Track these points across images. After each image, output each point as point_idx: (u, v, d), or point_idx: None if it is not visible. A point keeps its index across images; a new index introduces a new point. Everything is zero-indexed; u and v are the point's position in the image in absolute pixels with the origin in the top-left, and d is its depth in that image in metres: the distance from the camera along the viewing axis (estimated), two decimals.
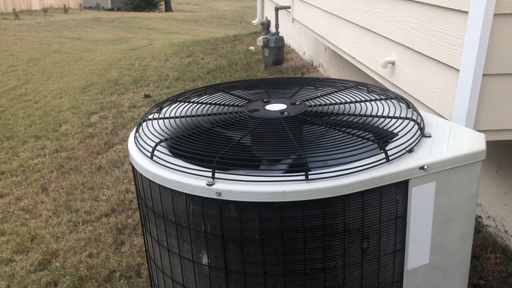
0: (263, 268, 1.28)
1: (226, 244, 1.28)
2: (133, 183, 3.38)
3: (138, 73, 7.00)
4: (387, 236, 1.32)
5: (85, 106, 5.55)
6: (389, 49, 2.66)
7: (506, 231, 2.43)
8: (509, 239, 2.41)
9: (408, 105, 1.63)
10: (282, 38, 6.39)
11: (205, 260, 1.33)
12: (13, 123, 5.17)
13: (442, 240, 1.39)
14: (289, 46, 7.83)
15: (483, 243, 2.44)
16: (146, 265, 2.33)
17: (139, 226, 2.85)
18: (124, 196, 3.25)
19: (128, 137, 4.45)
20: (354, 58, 3.30)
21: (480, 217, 2.62)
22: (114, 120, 4.93)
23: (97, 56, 8.77)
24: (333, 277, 1.30)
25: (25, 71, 7.79)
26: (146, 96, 5.69)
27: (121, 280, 2.37)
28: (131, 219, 2.94)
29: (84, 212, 3.08)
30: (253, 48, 7.89)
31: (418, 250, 1.37)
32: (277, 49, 6.36)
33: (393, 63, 2.61)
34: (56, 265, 2.54)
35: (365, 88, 1.80)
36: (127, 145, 4.24)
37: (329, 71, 5.73)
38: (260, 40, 6.34)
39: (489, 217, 2.56)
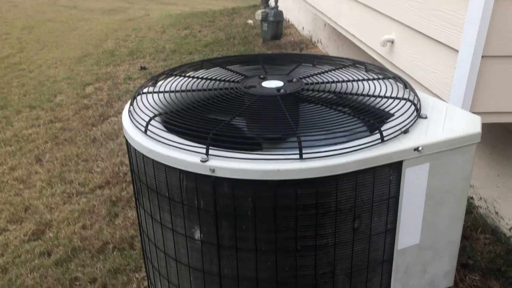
0: (255, 245, 1.29)
1: (219, 220, 1.29)
2: (127, 156, 3.38)
3: (134, 44, 6.92)
4: (379, 216, 1.32)
5: (80, 77, 5.49)
6: (389, 28, 2.63)
7: (496, 213, 2.46)
8: (499, 221, 2.43)
9: (406, 85, 1.61)
10: (281, 13, 6.31)
11: (197, 235, 1.34)
12: (7, 92, 5.12)
13: (433, 221, 1.41)
14: (288, 21, 7.73)
15: (474, 224, 2.46)
16: (139, 238, 2.35)
17: (133, 199, 2.85)
18: (118, 169, 3.25)
19: (123, 109, 4.41)
20: (354, 35, 3.26)
21: (472, 198, 2.64)
22: (109, 92, 4.89)
23: (93, 26, 8.63)
24: (324, 254, 1.31)
25: (19, 39, 7.67)
26: (142, 68, 5.63)
27: (114, 252, 2.39)
28: (125, 192, 2.94)
29: (78, 184, 3.08)
30: (251, 21, 7.79)
31: (409, 230, 1.38)
32: (275, 24, 6.28)
33: (392, 42, 2.58)
34: (50, 236, 2.55)
35: (363, 67, 1.79)
36: (121, 117, 4.22)
37: (328, 47, 5.68)
38: (259, 14, 6.25)
39: (481, 198, 2.59)
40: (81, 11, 10.59)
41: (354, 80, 1.65)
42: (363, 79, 1.65)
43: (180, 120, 1.37)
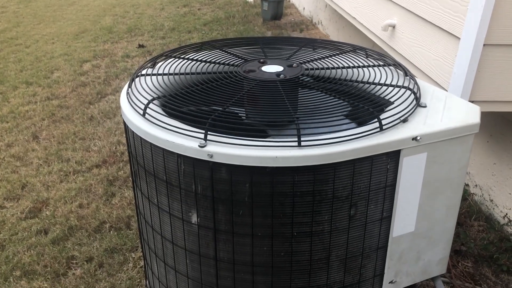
0: (251, 230, 1.30)
1: (216, 205, 1.29)
2: (124, 135, 3.38)
3: (133, 21, 6.83)
4: (375, 204, 1.33)
5: (78, 53, 5.44)
6: (390, 12, 2.60)
7: (491, 200, 2.48)
8: (493, 208, 2.46)
9: (406, 73, 1.60)
10: None
11: (194, 219, 1.34)
12: (3, 67, 5.07)
13: (428, 210, 1.42)
14: (289, 1, 7.64)
15: (468, 210, 2.49)
16: (136, 218, 2.36)
17: (130, 179, 2.86)
18: (115, 148, 3.24)
19: (120, 87, 4.39)
20: (355, 18, 3.22)
21: (467, 185, 2.66)
22: (107, 70, 4.85)
23: (90, 1, 8.51)
24: (320, 241, 1.32)
25: (15, 13, 7.56)
26: (140, 46, 5.58)
27: (111, 231, 2.40)
28: (122, 171, 2.95)
29: (75, 162, 3.08)
30: (251, 0, 7.69)
31: (404, 218, 1.39)
32: (276, 4, 6.21)
33: (394, 27, 2.56)
34: (47, 214, 2.56)
35: (364, 53, 1.77)
36: (119, 96, 4.19)
37: (329, 29, 5.62)
38: None
39: (476, 185, 2.60)
40: None
41: (354, 67, 1.63)
42: (363, 66, 1.64)
43: (179, 104, 1.36)
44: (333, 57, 1.73)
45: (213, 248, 1.36)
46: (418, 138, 1.27)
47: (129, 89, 1.52)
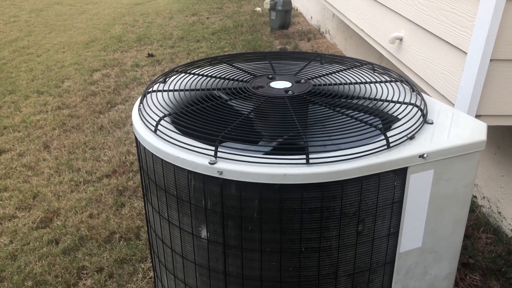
0: (260, 245, 1.32)
1: (225, 220, 1.31)
2: (134, 145, 3.42)
3: (142, 30, 6.91)
4: (382, 220, 1.35)
5: (88, 62, 5.51)
6: (398, 25, 2.63)
7: (499, 213, 2.48)
8: (501, 221, 2.46)
9: (413, 88, 1.63)
10: (289, 2, 6.27)
11: (204, 234, 1.37)
12: (15, 77, 5.15)
13: (435, 225, 1.43)
14: (297, 9, 7.69)
15: (476, 223, 2.49)
16: (146, 228, 2.39)
17: (139, 189, 2.90)
18: (125, 158, 3.28)
19: (130, 97, 4.45)
20: (362, 30, 3.25)
21: (475, 197, 2.66)
22: (116, 79, 4.91)
23: (100, 10, 8.62)
24: (328, 256, 1.34)
25: (27, 22, 7.68)
26: (150, 55, 5.64)
27: (121, 242, 2.43)
28: (131, 181, 2.98)
29: (86, 172, 3.12)
30: (259, 9, 7.75)
31: (411, 234, 1.41)
32: (284, 13, 6.25)
33: (401, 39, 2.58)
34: (58, 224, 2.60)
35: (371, 68, 1.80)
36: (129, 105, 4.25)
37: (336, 38, 5.65)
38: (267, 3, 6.22)
39: (484, 197, 2.61)
40: None
41: (361, 83, 1.66)
42: (370, 82, 1.66)
43: (190, 120, 1.39)
44: (340, 72, 1.76)
45: (223, 263, 1.38)
46: (425, 155, 1.28)
47: (141, 105, 1.56)
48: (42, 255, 2.37)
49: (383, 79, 1.70)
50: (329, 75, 1.73)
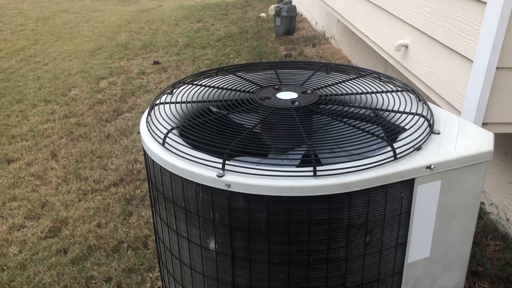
0: (268, 257, 1.33)
1: (233, 232, 1.32)
2: (141, 153, 3.43)
3: (148, 37, 6.95)
4: (390, 231, 1.35)
5: (94, 70, 5.55)
6: (403, 32, 2.63)
7: (507, 219, 2.47)
8: (510, 227, 2.44)
9: (419, 98, 1.63)
10: (294, 8, 6.29)
11: (212, 245, 1.38)
12: (22, 85, 5.19)
13: (443, 235, 1.43)
14: (301, 15, 7.71)
15: (484, 230, 2.48)
16: (153, 237, 2.40)
17: (147, 197, 2.91)
18: (132, 166, 3.30)
19: (136, 105, 4.47)
20: (367, 37, 3.25)
21: (483, 203, 2.65)
22: (123, 87, 4.94)
23: (106, 17, 8.68)
24: (336, 267, 1.34)
25: (34, 31, 7.75)
26: (155, 62, 5.67)
27: (129, 251, 2.44)
28: (139, 190, 3.00)
29: (93, 181, 3.14)
30: (264, 15, 7.77)
31: (419, 244, 1.41)
32: (289, 19, 6.27)
33: (407, 47, 2.58)
34: (66, 233, 2.62)
35: (377, 78, 1.80)
36: (135, 113, 4.28)
37: (341, 44, 5.66)
38: (272, 9, 6.24)
39: (492, 204, 2.60)
40: (94, 1, 10.64)
41: (367, 93, 1.66)
42: (377, 92, 1.67)
43: (197, 133, 1.40)
44: (346, 82, 1.76)
45: (231, 274, 1.39)
46: (432, 166, 1.29)
47: (149, 117, 1.57)
48: (51, 265, 2.38)
49: (389, 89, 1.70)
50: (335, 85, 1.74)
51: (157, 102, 1.65)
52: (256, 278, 1.37)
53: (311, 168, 1.23)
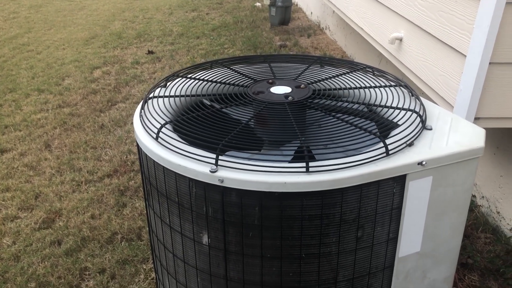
0: (260, 251, 1.34)
1: (226, 227, 1.33)
2: (135, 144, 3.43)
3: (142, 26, 6.90)
4: (382, 226, 1.36)
5: (88, 59, 5.51)
6: (397, 25, 2.63)
7: (498, 212, 2.49)
8: (500, 220, 2.47)
9: (412, 93, 1.64)
10: None
11: (205, 240, 1.39)
12: (15, 75, 5.15)
13: (434, 230, 1.45)
14: (297, 5, 7.67)
15: (475, 222, 2.51)
16: (147, 228, 2.41)
17: (141, 188, 2.91)
18: (126, 157, 3.30)
19: (131, 95, 4.45)
20: (362, 29, 3.25)
21: (474, 196, 2.68)
22: (117, 77, 4.91)
23: (100, 5, 8.59)
24: (327, 262, 1.36)
25: (27, 19, 7.66)
26: (150, 52, 5.64)
27: (123, 243, 2.45)
28: (132, 181, 3.00)
29: (87, 172, 3.14)
30: (259, 4, 7.73)
31: (410, 239, 1.43)
32: (284, 9, 6.23)
33: (401, 40, 2.58)
34: (60, 225, 2.62)
35: (371, 72, 1.80)
36: (129, 103, 4.26)
37: (336, 34, 5.65)
38: None
39: (483, 197, 2.62)
40: None
41: (360, 87, 1.67)
42: (370, 87, 1.67)
43: (191, 128, 1.40)
44: (340, 76, 1.76)
45: (224, 268, 1.40)
46: (424, 163, 1.30)
47: (142, 111, 1.57)
48: (45, 256, 2.39)
49: (382, 84, 1.71)
50: (329, 80, 1.74)
51: (151, 95, 1.65)
52: (248, 272, 1.38)
53: (304, 164, 1.23)
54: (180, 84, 1.74)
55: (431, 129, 1.45)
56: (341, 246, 1.34)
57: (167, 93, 1.67)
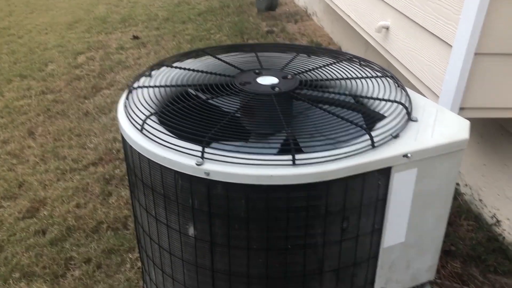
0: (247, 243, 1.34)
1: (212, 219, 1.33)
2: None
3: (127, 10, 6.77)
4: (367, 217, 1.38)
5: (72, 44, 5.40)
6: (384, 13, 2.62)
7: (480, 200, 2.53)
8: (482, 208, 2.52)
9: (398, 84, 1.64)
10: None
11: (191, 231, 1.38)
12: None
13: (418, 221, 1.46)
14: None
15: (458, 210, 2.54)
16: (133, 218, 2.40)
17: (126, 177, 2.89)
18: (111, 145, 3.27)
19: (115, 81, 4.39)
20: (349, 16, 3.24)
21: (458, 184, 2.72)
22: (101, 62, 4.83)
23: None
24: (313, 253, 1.37)
25: (7, 1, 7.46)
26: (135, 37, 5.55)
27: (108, 232, 2.44)
28: (118, 170, 2.98)
29: (72, 160, 3.10)
30: None
31: (395, 230, 1.44)
32: None
33: (388, 28, 2.58)
34: (44, 214, 2.60)
35: (358, 62, 1.80)
36: (114, 90, 4.21)
37: (323, 21, 5.62)
38: None
39: (466, 185, 2.66)
40: None
41: (348, 78, 1.66)
42: (357, 77, 1.67)
43: (176, 119, 1.39)
44: (327, 67, 1.76)
45: (210, 260, 1.40)
46: (409, 155, 1.31)
47: (126, 101, 1.55)
48: (29, 246, 2.37)
49: (369, 74, 1.70)
50: (316, 70, 1.73)
51: (135, 85, 1.63)
52: (235, 264, 1.38)
53: (290, 157, 1.23)
54: (165, 74, 1.72)
55: (416, 120, 1.46)
56: (326, 237, 1.35)
57: (151, 83, 1.64)
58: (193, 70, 1.72)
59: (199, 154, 1.25)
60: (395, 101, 1.49)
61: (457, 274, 2.15)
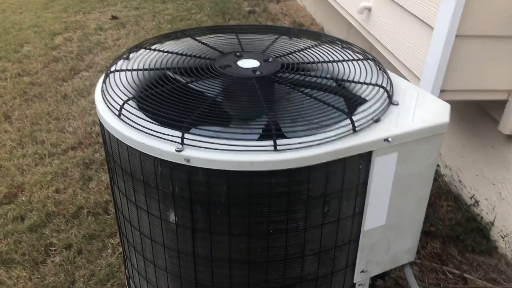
0: (228, 228, 1.33)
1: (194, 206, 1.32)
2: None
3: None
4: (348, 201, 1.38)
5: (48, 25, 5.26)
6: None
7: (460, 181, 2.57)
8: (462, 189, 2.56)
9: (379, 67, 1.63)
10: None
11: (172, 218, 1.37)
12: None
13: (399, 204, 1.47)
14: None
15: (438, 191, 2.58)
16: (114, 213, 2.38)
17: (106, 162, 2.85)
18: (91, 129, 3.21)
19: (94, 63, 4.30)
20: None
21: (438, 166, 2.75)
22: (79, 43, 4.72)
23: None
24: (294, 237, 1.37)
25: None
26: (113, 17, 5.42)
27: (89, 217, 2.41)
28: (98, 154, 2.93)
29: (50, 144, 3.04)
30: None
31: (376, 213, 1.45)
32: None
33: (370, 10, 2.56)
34: (23, 200, 2.55)
35: (340, 45, 1.78)
36: (93, 72, 4.13)
37: (306, 1, 5.57)
38: None
39: (446, 166, 2.69)
40: None
41: (329, 61, 1.65)
42: (339, 60, 1.65)
43: (155, 104, 1.36)
44: (308, 49, 1.74)
45: (191, 245, 1.39)
46: (390, 139, 1.30)
47: (104, 85, 1.51)
48: (8, 233, 2.33)
49: (351, 57, 1.69)
50: (297, 53, 1.71)
51: (113, 69, 1.58)
52: (216, 249, 1.38)
53: (272, 143, 1.22)
54: (144, 57, 1.68)
55: (397, 104, 1.46)
56: (308, 221, 1.35)
57: (129, 67, 1.60)
58: (173, 53, 1.69)
59: (179, 140, 1.23)
60: (376, 85, 1.49)
61: (437, 254, 2.19)
